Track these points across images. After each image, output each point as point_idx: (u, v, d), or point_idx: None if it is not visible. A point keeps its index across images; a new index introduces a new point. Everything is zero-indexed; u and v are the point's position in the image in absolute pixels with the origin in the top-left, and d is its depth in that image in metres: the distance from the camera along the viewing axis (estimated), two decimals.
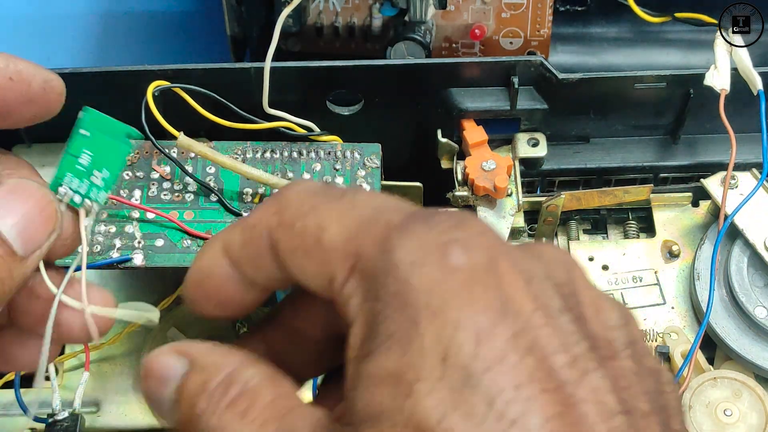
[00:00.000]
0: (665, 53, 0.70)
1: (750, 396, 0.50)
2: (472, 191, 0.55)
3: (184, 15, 0.82)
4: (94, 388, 0.52)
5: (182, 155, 0.51)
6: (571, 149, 0.59)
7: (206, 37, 0.79)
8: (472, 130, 0.56)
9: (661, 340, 0.53)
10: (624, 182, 0.59)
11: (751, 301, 0.52)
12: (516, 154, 0.57)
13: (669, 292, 0.55)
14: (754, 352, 0.51)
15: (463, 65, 0.55)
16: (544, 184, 0.59)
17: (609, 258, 0.57)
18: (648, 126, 0.59)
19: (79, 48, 0.81)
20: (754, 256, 0.53)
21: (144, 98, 0.49)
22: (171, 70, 0.52)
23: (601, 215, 0.59)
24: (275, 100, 0.52)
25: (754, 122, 0.52)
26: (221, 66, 0.54)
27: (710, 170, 0.57)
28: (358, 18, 0.66)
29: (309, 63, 0.54)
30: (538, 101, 0.56)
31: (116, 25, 0.82)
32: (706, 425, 0.49)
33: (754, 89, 0.53)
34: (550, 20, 0.65)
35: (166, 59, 0.53)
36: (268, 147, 0.52)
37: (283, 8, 0.52)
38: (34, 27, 0.82)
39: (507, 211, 0.56)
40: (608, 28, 0.71)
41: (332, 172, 0.51)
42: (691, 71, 0.55)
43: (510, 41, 0.66)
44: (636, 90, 0.55)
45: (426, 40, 0.63)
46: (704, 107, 0.55)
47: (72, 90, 0.54)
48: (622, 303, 0.55)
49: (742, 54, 0.53)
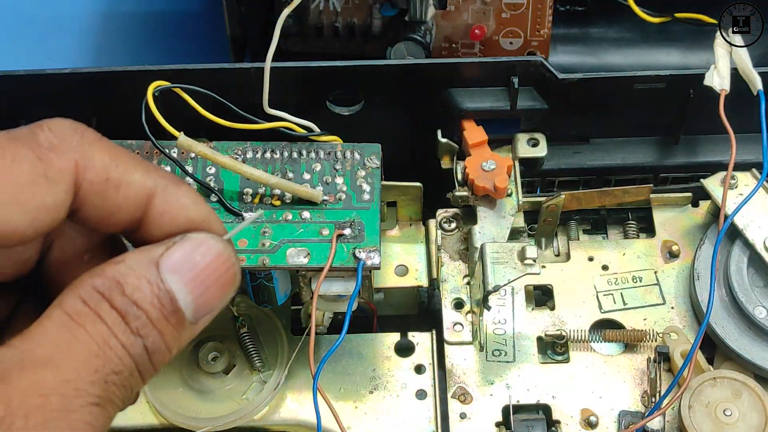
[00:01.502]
0: (665, 53, 0.70)
1: (750, 396, 0.50)
2: (472, 191, 0.55)
3: (184, 15, 0.82)
4: None
5: (182, 155, 0.51)
6: (571, 149, 0.59)
7: (206, 37, 0.79)
8: (472, 130, 0.56)
9: (661, 340, 0.53)
10: (624, 182, 0.59)
11: (751, 301, 0.52)
12: (516, 154, 0.57)
13: (669, 292, 0.55)
14: (754, 352, 0.51)
15: (463, 65, 0.55)
16: (544, 184, 0.59)
17: (609, 258, 0.57)
18: (648, 126, 0.59)
19: (79, 48, 0.81)
20: (754, 256, 0.53)
21: (144, 98, 0.49)
22: (171, 70, 0.52)
23: (601, 215, 0.59)
24: (275, 100, 0.52)
25: (754, 122, 0.52)
26: (221, 66, 0.54)
27: (710, 170, 0.57)
28: (358, 18, 0.66)
29: (309, 63, 0.54)
30: (538, 101, 0.56)
31: (116, 25, 0.82)
32: (706, 425, 0.49)
33: (754, 89, 0.53)
34: (550, 20, 0.65)
35: (166, 59, 0.53)
36: (268, 147, 0.52)
37: (283, 8, 0.52)
38: (34, 27, 0.82)
39: (507, 211, 0.56)
40: (608, 28, 0.71)
41: (332, 173, 0.51)
42: (691, 71, 0.55)
43: (510, 41, 0.66)
44: (636, 90, 0.55)
45: (426, 40, 0.63)
46: (704, 107, 0.55)
47: (72, 90, 0.55)
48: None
49: (742, 54, 0.53)
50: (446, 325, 0.54)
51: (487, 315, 0.53)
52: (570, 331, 0.53)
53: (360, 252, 0.48)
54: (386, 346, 0.54)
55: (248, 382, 0.52)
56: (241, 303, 0.54)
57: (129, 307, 0.31)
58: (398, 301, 0.58)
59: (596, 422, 0.51)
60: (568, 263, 0.57)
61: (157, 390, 0.51)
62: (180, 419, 0.51)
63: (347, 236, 0.49)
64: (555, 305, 0.55)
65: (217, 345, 0.52)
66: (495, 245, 0.51)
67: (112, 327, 0.31)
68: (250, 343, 0.52)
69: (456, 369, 0.53)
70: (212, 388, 0.52)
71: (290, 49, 0.68)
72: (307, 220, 0.49)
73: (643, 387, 0.52)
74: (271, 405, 0.52)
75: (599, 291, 0.55)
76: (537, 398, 0.52)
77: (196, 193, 0.36)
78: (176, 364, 0.52)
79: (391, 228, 0.58)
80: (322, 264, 0.48)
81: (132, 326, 0.31)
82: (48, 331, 0.30)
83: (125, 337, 0.31)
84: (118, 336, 0.31)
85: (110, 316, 0.31)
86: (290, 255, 0.48)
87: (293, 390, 0.53)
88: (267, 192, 0.50)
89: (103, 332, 0.31)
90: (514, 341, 0.54)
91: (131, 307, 0.31)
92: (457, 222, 0.57)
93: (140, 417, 0.52)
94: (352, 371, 0.53)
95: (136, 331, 0.31)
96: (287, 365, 0.52)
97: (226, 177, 0.51)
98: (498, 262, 0.51)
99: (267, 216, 0.49)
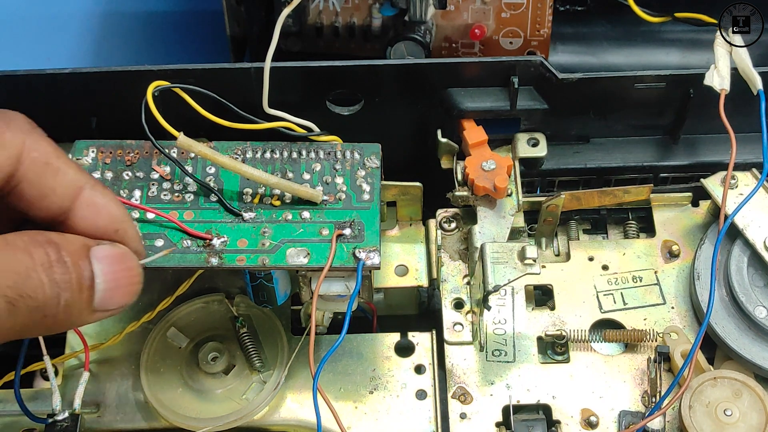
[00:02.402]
0: (665, 53, 0.70)
1: (750, 396, 0.50)
2: (472, 191, 0.55)
3: (184, 15, 0.82)
4: (94, 388, 0.52)
5: (182, 155, 0.51)
6: (571, 149, 0.59)
7: (206, 37, 0.79)
8: (472, 130, 0.56)
9: (661, 340, 0.53)
10: (624, 182, 0.59)
11: (751, 301, 0.52)
12: (516, 154, 0.57)
13: (669, 292, 0.55)
14: (754, 352, 0.51)
15: (463, 65, 0.55)
16: (544, 184, 0.59)
17: (609, 258, 0.57)
18: (648, 126, 0.59)
19: (79, 48, 0.81)
20: (754, 256, 0.53)
21: (144, 98, 0.49)
22: (171, 70, 0.52)
23: (601, 215, 0.59)
24: (275, 100, 0.52)
25: (754, 122, 0.52)
26: (221, 66, 0.54)
27: (710, 170, 0.57)
28: (358, 18, 0.66)
29: (309, 63, 0.54)
30: (538, 101, 0.56)
31: (116, 25, 0.82)
32: (706, 425, 0.49)
33: (754, 89, 0.53)
34: (550, 20, 0.65)
35: (166, 59, 0.53)
36: (268, 147, 0.52)
37: (283, 8, 0.52)
38: (34, 27, 0.82)
39: (507, 211, 0.56)
40: (608, 28, 0.71)
41: (332, 173, 0.51)
42: (691, 71, 0.55)
43: (510, 41, 0.66)
44: (636, 90, 0.55)
45: (426, 40, 0.63)
46: (704, 107, 0.55)
47: (72, 90, 0.55)
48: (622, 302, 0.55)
49: (742, 54, 0.53)
50: (446, 325, 0.54)
51: (487, 315, 0.53)
52: (570, 331, 0.53)
53: (360, 252, 0.48)
54: (386, 346, 0.54)
55: (248, 382, 0.52)
56: (241, 303, 0.54)
57: (58, 262, 0.37)
58: (398, 301, 0.58)
59: (596, 422, 0.51)
60: (568, 263, 0.57)
61: (157, 390, 0.51)
62: (180, 419, 0.51)
63: (347, 236, 0.49)
64: (555, 305, 0.55)
65: (217, 345, 0.52)
66: (495, 245, 0.51)
67: (38, 265, 0.37)
68: (250, 343, 0.52)
69: (456, 369, 0.53)
70: (212, 388, 0.52)
71: (290, 49, 0.68)
72: (307, 220, 0.49)
73: (644, 387, 0.52)
74: (271, 405, 0.52)
75: (599, 291, 0.55)
76: (537, 398, 0.52)
77: (116, 196, 0.42)
78: (176, 365, 0.52)
79: (391, 228, 0.58)
80: (322, 264, 0.48)
81: (55, 275, 0.37)
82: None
83: (46, 277, 0.36)
84: (40, 274, 0.36)
85: (41, 257, 0.37)
86: (290, 255, 0.48)
87: (293, 390, 0.53)
88: (267, 192, 0.50)
89: (29, 264, 0.36)
90: (514, 341, 0.54)
91: (59, 263, 0.37)
92: (457, 222, 0.57)
93: (140, 417, 0.52)
94: (352, 371, 0.53)
95: (55, 281, 0.37)
96: (287, 365, 0.52)
97: (226, 177, 0.51)
98: (498, 262, 0.51)
99: (267, 216, 0.49)
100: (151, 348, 0.53)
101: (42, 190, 0.39)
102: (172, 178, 0.51)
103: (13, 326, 0.36)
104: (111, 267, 0.39)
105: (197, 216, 0.49)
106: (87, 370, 0.51)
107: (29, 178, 0.39)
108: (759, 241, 0.53)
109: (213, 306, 0.54)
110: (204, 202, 0.50)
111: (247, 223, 0.49)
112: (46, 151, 0.40)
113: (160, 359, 0.52)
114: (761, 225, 0.53)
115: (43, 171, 0.39)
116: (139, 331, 0.53)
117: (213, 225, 0.49)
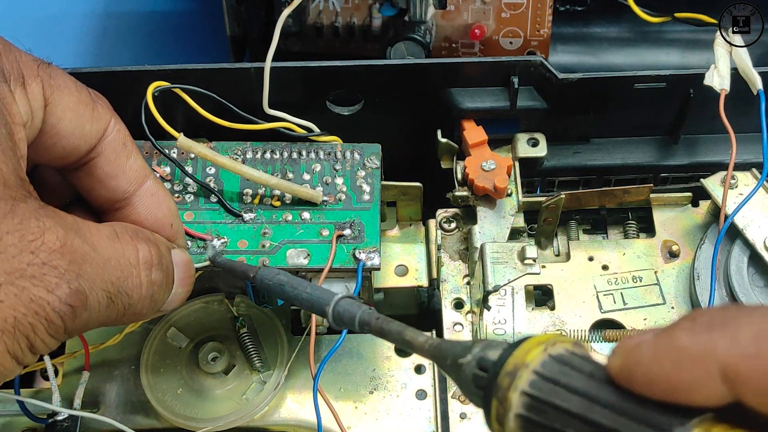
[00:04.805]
0: (665, 53, 0.70)
1: None
2: (472, 191, 0.55)
3: (184, 15, 0.82)
4: (94, 388, 0.52)
5: (182, 156, 0.51)
6: (571, 149, 0.59)
7: (206, 37, 0.79)
8: (472, 130, 0.56)
9: None
10: (624, 182, 0.59)
11: (751, 301, 0.52)
12: (516, 154, 0.57)
13: (669, 292, 0.55)
14: None
15: (463, 65, 0.55)
16: (544, 184, 0.59)
17: (609, 258, 0.57)
18: (648, 126, 0.59)
19: (79, 48, 0.81)
20: (754, 256, 0.53)
21: (144, 98, 0.49)
22: (171, 70, 0.52)
23: (601, 215, 0.59)
24: (275, 100, 0.52)
25: (754, 122, 0.52)
26: (221, 66, 0.54)
27: (710, 170, 0.57)
28: (358, 18, 0.66)
29: (309, 63, 0.54)
30: (538, 101, 0.56)
31: (116, 25, 0.82)
32: None
33: (754, 89, 0.53)
34: (550, 20, 0.65)
35: (166, 59, 0.53)
36: (268, 147, 0.52)
37: (283, 8, 0.52)
38: (34, 27, 0.82)
39: (507, 211, 0.56)
40: (608, 28, 0.71)
41: (332, 173, 0.51)
42: (691, 71, 0.55)
43: (510, 41, 0.66)
44: (636, 90, 0.55)
45: (426, 40, 0.63)
46: (704, 107, 0.55)
47: None
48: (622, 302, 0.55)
49: (742, 54, 0.53)
50: (446, 325, 0.54)
51: (487, 315, 0.53)
52: (570, 331, 0.53)
53: (360, 253, 0.48)
54: (386, 346, 0.54)
55: (248, 383, 0.52)
56: (241, 303, 0.54)
57: (159, 263, 0.40)
58: (398, 301, 0.58)
59: None
60: (568, 263, 0.57)
61: (157, 390, 0.51)
62: (180, 419, 0.51)
63: (347, 237, 0.49)
64: (555, 305, 0.55)
65: (217, 345, 0.52)
66: (495, 245, 0.51)
67: (142, 263, 0.39)
68: (250, 343, 0.52)
69: None
70: (212, 388, 0.52)
71: (290, 49, 0.68)
72: (307, 221, 0.49)
73: None
74: (271, 405, 0.52)
75: (599, 291, 0.55)
76: None
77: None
78: (176, 365, 0.52)
79: (391, 228, 0.58)
80: (322, 265, 0.48)
81: (153, 275, 0.39)
82: (101, 229, 0.38)
83: (145, 278, 0.39)
84: (141, 273, 0.39)
85: (145, 256, 0.39)
86: (290, 256, 0.48)
87: (293, 390, 0.53)
88: (267, 193, 0.50)
89: (134, 261, 0.38)
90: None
91: (159, 265, 0.40)
92: (457, 222, 0.57)
93: (140, 417, 0.52)
94: (352, 371, 0.53)
95: (152, 282, 0.39)
96: (287, 365, 0.52)
97: (226, 178, 0.51)
98: (498, 262, 0.51)
99: (267, 217, 0.49)
100: (151, 348, 0.53)
101: (114, 170, 0.41)
102: (172, 179, 0.51)
103: (105, 319, 0.37)
104: (183, 273, 0.42)
105: (197, 217, 0.50)
106: (87, 370, 0.51)
107: (107, 155, 0.41)
108: (759, 241, 0.53)
109: (213, 306, 0.54)
110: (204, 202, 0.50)
111: (247, 223, 0.49)
112: (125, 134, 0.42)
113: (160, 359, 0.52)
114: (761, 225, 0.53)
115: (120, 151, 0.41)
116: (139, 331, 0.53)
117: (213, 226, 0.49)
